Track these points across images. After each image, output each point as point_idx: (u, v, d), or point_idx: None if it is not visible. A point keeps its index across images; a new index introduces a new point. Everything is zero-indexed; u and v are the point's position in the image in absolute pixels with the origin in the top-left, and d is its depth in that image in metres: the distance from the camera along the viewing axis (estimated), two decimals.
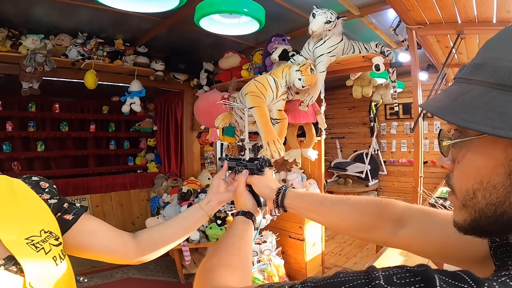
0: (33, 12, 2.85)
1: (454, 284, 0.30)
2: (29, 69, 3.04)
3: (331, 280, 0.37)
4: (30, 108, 4.67)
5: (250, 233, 0.83)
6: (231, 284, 0.60)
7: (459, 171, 0.46)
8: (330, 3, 2.57)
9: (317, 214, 0.83)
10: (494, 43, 0.44)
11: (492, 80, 0.39)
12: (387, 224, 0.73)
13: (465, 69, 0.45)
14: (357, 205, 0.77)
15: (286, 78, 2.69)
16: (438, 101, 0.46)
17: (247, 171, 0.96)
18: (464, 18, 2.46)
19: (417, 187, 2.64)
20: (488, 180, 0.41)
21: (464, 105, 0.41)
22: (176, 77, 4.28)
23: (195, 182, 4.23)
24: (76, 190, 4.61)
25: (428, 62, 3.92)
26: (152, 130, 5.77)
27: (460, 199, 0.45)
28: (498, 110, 0.37)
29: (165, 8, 2.03)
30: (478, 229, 0.44)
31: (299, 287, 0.39)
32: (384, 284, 0.33)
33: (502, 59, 0.40)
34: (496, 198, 0.40)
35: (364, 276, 0.35)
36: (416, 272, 0.33)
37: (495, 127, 0.36)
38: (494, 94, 0.39)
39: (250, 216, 0.86)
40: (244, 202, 0.91)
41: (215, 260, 0.69)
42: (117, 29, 3.41)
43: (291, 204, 0.85)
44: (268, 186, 0.90)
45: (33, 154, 4.78)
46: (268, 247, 3.07)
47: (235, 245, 0.76)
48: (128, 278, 3.69)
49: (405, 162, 5.65)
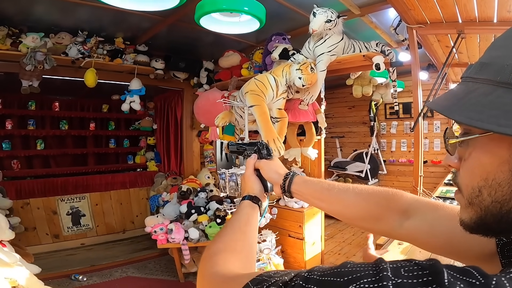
0: (33, 10, 2.85)
1: (462, 279, 0.30)
2: (29, 67, 3.05)
3: (338, 270, 0.37)
4: (29, 106, 4.66)
5: (256, 218, 0.82)
6: (234, 269, 0.60)
7: (465, 169, 0.46)
8: (330, 2, 2.57)
9: (322, 201, 0.82)
10: (501, 41, 0.44)
11: (498, 79, 0.40)
12: (393, 214, 0.72)
13: (471, 68, 0.45)
14: (364, 194, 0.76)
15: (287, 77, 2.70)
16: (445, 100, 0.46)
17: (255, 155, 0.94)
18: (465, 18, 2.46)
19: (417, 186, 2.65)
20: (493, 177, 0.41)
21: (470, 104, 0.41)
22: (176, 76, 4.28)
23: (194, 180, 4.23)
24: (75, 189, 4.61)
25: (429, 61, 3.92)
26: (152, 129, 5.76)
27: (466, 197, 0.45)
28: (503, 108, 0.37)
29: (165, 6, 2.03)
30: (484, 228, 0.44)
31: (306, 275, 0.39)
32: (391, 276, 0.32)
33: (507, 57, 0.40)
34: (502, 195, 0.40)
35: (372, 268, 0.35)
36: (424, 266, 0.33)
37: (500, 125, 0.36)
38: (499, 93, 0.39)
39: (256, 201, 0.85)
40: (252, 186, 0.90)
41: (220, 245, 0.69)
42: (117, 28, 3.41)
43: (298, 190, 0.84)
44: (276, 171, 0.89)
45: (32, 152, 4.77)
46: (268, 246, 3.06)
47: (240, 229, 0.75)
48: (127, 277, 3.69)
49: (405, 162, 5.65)
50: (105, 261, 3.97)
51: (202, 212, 3.57)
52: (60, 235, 4.36)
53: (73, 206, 4.53)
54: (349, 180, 5.96)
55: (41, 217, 4.23)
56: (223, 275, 0.59)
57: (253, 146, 0.96)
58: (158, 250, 3.99)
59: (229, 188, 2.82)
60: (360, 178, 5.74)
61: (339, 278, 0.35)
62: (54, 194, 4.41)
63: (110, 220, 4.86)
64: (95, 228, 4.69)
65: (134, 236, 4.95)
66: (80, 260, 3.98)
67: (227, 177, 2.67)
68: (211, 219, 3.50)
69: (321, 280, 0.37)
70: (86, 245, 4.50)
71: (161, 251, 4.02)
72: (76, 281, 3.45)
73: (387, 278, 0.32)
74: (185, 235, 3.37)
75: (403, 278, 0.32)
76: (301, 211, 3.24)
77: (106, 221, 4.81)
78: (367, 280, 0.33)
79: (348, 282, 0.34)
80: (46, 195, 4.34)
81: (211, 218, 3.52)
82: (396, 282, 0.32)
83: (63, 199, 4.47)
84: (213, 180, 4.40)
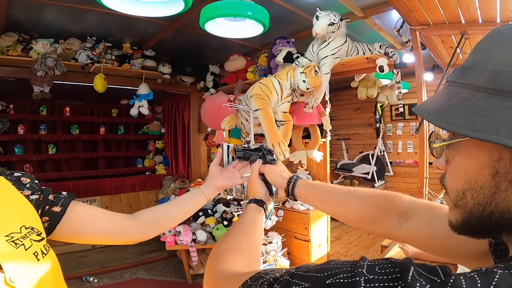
0: (43, 16, 2.89)
1: (427, 276, 0.32)
2: (40, 73, 3.08)
3: (321, 267, 0.39)
4: (41, 112, 4.77)
5: (261, 220, 0.85)
6: (238, 268, 0.62)
7: (450, 171, 0.48)
8: (333, 5, 2.59)
9: (325, 204, 0.84)
10: (482, 45, 0.44)
11: (477, 83, 0.40)
12: (393, 216, 0.73)
13: (455, 72, 0.46)
14: (365, 197, 0.78)
15: (291, 80, 2.72)
16: (429, 105, 0.46)
17: (260, 161, 0.98)
18: (468, 18, 2.45)
19: (422, 188, 2.64)
20: (475, 180, 0.42)
21: (451, 109, 0.42)
22: (183, 80, 4.33)
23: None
24: (86, 192, 4.69)
25: (434, 62, 3.91)
26: (160, 133, 5.84)
27: (452, 199, 0.47)
28: (480, 113, 0.38)
29: (171, 12, 2.06)
30: (469, 229, 0.45)
31: (294, 271, 0.41)
32: (365, 272, 0.34)
33: (486, 62, 0.40)
34: (483, 198, 0.41)
35: (350, 265, 0.36)
36: (397, 264, 0.34)
37: (476, 130, 0.37)
38: (478, 97, 0.40)
39: (261, 204, 0.88)
40: (257, 190, 0.93)
41: (226, 245, 0.71)
42: (125, 33, 3.46)
43: (301, 193, 0.86)
44: (280, 175, 0.92)
45: (44, 156, 4.87)
46: (274, 248, 3.08)
47: (245, 231, 0.78)
48: (137, 278, 3.75)
49: (411, 163, 5.59)
50: (115, 263, 4.03)
51: (210, 214, 3.60)
52: None
53: None
54: (355, 182, 5.95)
55: None
56: (227, 273, 0.61)
57: (258, 152, 1.01)
58: (167, 252, 4.02)
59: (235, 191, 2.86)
60: (366, 180, 5.71)
61: (319, 274, 0.37)
62: None
63: None
64: None
65: None
66: (91, 262, 4.05)
67: None
68: (218, 221, 3.53)
69: (304, 275, 0.39)
70: (97, 247, 4.56)
71: (169, 253, 4.06)
72: (87, 283, 3.51)
73: (361, 274, 0.34)
74: (192, 237, 3.41)
75: (375, 275, 0.34)
76: (307, 213, 3.25)
77: None
78: (343, 276, 0.35)
79: (326, 277, 0.36)
80: None
81: (218, 221, 3.55)
82: (368, 278, 0.33)
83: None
84: None
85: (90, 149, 5.45)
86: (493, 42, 0.43)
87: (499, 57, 0.40)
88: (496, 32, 0.43)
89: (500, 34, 0.42)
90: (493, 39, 0.43)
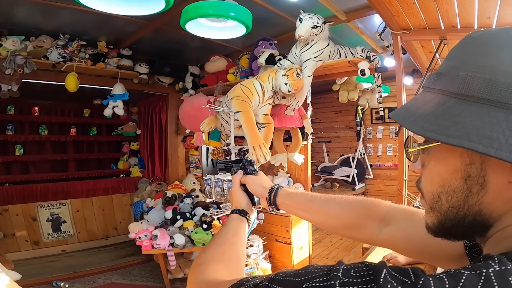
0: (14, 13, 2.78)
1: (398, 277, 0.33)
2: (9, 71, 2.98)
3: (299, 271, 0.41)
4: (8, 111, 4.53)
5: (244, 230, 0.86)
6: (221, 277, 0.62)
7: (426, 175, 0.49)
8: (317, 8, 2.58)
9: (306, 212, 0.86)
10: (455, 52, 0.46)
11: (450, 89, 0.41)
12: (373, 222, 0.75)
13: (430, 78, 0.47)
14: (345, 204, 0.80)
15: (273, 82, 2.69)
16: (405, 110, 0.47)
17: (241, 172, 0.99)
18: (447, 24, 2.51)
19: (402, 190, 2.68)
20: (448, 184, 0.43)
21: (425, 114, 0.43)
22: (161, 80, 4.23)
23: (180, 186, 4.17)
24: (55, 195, 4.49)
25: (413, 67, 3.99)
26: (135, 134, 5.66)
27: (428, 202, 0.48)
28: (453, 119, 0.39)
29: (150, 11, 2.00)
30: (444, 231, 0.46)
31: (273, 277, 0.43)
32: (341, 276, 0.36)
33: (459, 68, 0.42)
34: (457, 201, 0.42)
35: (327, 269, 0.38)
36: (371, 267, 0.36)
37: (448, 136, 0.38)
38: (451, 103, 0.41)
39: (244, 214, 0.89)
40: (239, 201, 0.94)
41: (208, 254, 0.72)
42: (100, 31, 3.35)
43: (283, 202, 0.87)
44: (261, 185, 0.93)
45: (11, 158, 4.63)
46: (255, 251, 3.05)
47: (228, 240, 0.79)
48: (111, 283, 3.61)
49: (391, 166, 5.71)
50: (87, 267, 3.87)
51: (188, 218, 3.52)
52: (40, 242, 4.24)
53: (53, 213, 4.40)
54: (336, 185, 6.00)
55: (20, 224, 4.10)
56: (210, 282, 0.62)
57: (239, 163, 1.02)
58: (143, 257, 3.91)
59: (215, 194, 2.79)
60: (347, 182, 5.78)
61: (297, 278, 0.39)
62: (33, 201, 4.28)
63: (92, 226, 4.73)
64: (76, 235, 4.56)
65: (117, 242, 4.84)
66: (61, 267, 3.87)
67: (213, 183, 2.64)
68: (197, 224, 3.46)
69: (282, 280, 0.41)
70: (67, 251, 4.39)
71: (146, 257, 3.95)
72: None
73: (336, 278, 0.36)
74: (170, 241, 3.32)
75: (350, 278, 0.35)
76: (288, 216, 3.23)
77: (88, 228, 4.69)
78: (319, 279, 0.37)
79: (303, 281, 0.38)
80: (25, 201, 4.21)
81: (197, 224, 3.47)
82: (343, 281, 0.35)
83: (43, 205, 4.35)
84: (199, 186, 4.35)
85: (60, 150, 5.20)
86: (465, 48, 0.44)
87: (471, 63, 0.41)
88: (468, 38, 0.44)
89: (472, 41, 0.44)
90: (466, 45, 0.44)
